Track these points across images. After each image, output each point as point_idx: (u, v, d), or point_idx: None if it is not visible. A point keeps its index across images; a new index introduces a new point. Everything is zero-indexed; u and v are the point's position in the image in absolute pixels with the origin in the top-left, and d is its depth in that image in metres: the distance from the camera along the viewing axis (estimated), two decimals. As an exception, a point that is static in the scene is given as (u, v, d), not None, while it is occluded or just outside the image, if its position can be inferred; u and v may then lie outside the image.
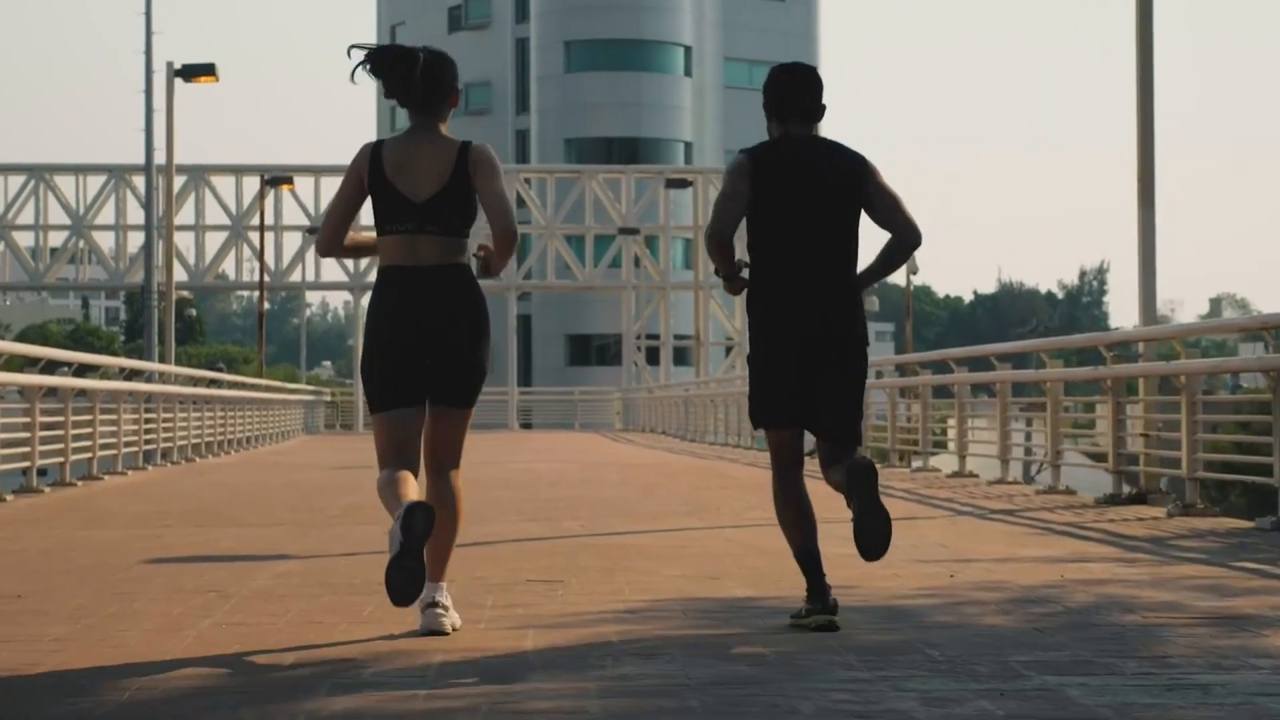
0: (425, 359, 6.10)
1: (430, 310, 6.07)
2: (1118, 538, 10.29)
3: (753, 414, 6.48)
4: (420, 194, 6.07)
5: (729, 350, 61.48)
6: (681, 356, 69.70)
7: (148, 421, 22.91)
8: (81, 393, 18.53)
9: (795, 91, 6.44)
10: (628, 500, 14.40)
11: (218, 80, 31.10)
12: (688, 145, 79.06)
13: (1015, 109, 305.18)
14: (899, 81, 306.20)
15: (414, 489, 5.96)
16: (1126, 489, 13.65)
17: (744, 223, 6.34)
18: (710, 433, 36.38)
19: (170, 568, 8.72)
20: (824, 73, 31.73)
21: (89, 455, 18.79)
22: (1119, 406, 13.88)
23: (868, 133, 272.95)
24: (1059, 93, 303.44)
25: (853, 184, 6.34)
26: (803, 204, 6.28)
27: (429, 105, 6.18)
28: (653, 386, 53.10)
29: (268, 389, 38.97)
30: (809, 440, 6.44)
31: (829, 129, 6.83)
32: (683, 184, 51.93)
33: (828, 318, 6.28)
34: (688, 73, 79.97)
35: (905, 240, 6.38)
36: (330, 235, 6.30)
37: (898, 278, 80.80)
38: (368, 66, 6.15)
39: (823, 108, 6.45)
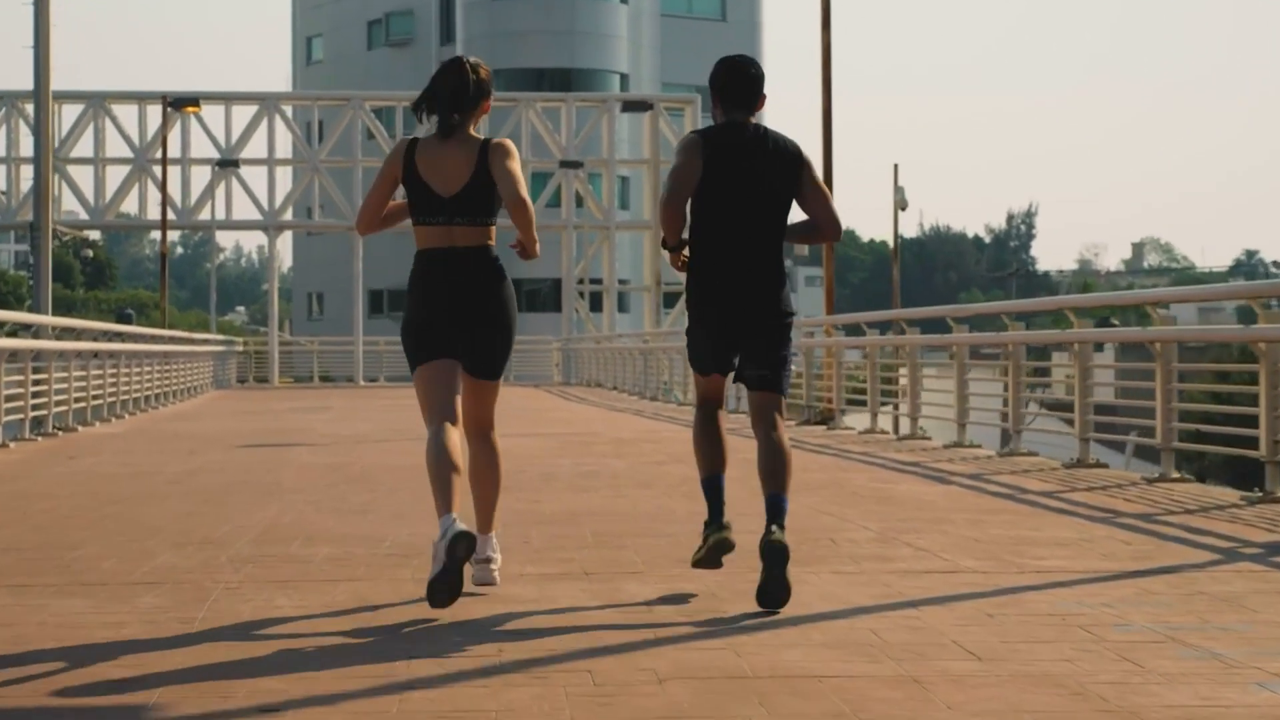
0: (458, 324, 6.83)
1: (461, 283, 6.84)
2: None
3: (691, 360, 7.15)
4: (449, 189, 6.84)
5: (679, 297, 56.59)
6: (624, 303, 64.95)
7: (13, 385, 18.32)
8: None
9: (737, 85, 6.97)
10: (677, 518, 9.78)
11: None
12: (624, 77, 73.94)
13: (940, 52, 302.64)
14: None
15: (460, 474, 6.52)
16: None
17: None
18: (676, 390, 31.95)
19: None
20: (758, 10, 49.73)
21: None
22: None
23: (794, 72, 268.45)
24: (983, 35, 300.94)
25: (789, 174, 6.91)
26: (743, 187, 6.85)
27: (467, 114, 6.92)
28: (599, 336, 48.32)
29: (171, 340, 34.28)
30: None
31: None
32: (642, 106, 46.38)
33: (756, 294, 6.90)
34: (623, -1, 74.80)
35: (828, 232, 7.05)
36: (369, 219, 7.09)
37: (874, 224, 77.68)
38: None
39: (762, 98, 7.01)
